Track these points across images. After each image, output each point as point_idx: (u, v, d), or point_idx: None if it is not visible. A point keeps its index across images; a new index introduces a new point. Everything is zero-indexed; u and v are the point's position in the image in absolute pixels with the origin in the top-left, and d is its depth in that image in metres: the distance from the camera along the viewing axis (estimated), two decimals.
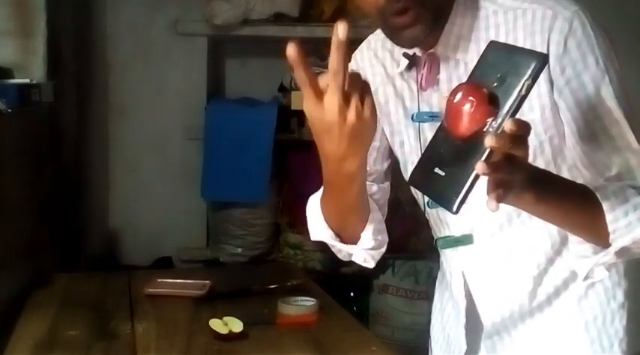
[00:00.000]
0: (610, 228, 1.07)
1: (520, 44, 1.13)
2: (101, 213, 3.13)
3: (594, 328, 1.28)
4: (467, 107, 0.88)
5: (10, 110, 1.97)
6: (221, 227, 3.08)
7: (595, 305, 1.28)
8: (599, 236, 1.08)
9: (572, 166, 1.18)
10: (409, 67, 1.26)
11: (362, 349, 1.55)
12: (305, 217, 1.35)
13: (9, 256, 1.94)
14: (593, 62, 1.13)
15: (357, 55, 1.38)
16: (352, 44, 1.41)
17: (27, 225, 2.15)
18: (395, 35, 1.17)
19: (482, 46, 1.09)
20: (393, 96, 1.31)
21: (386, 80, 1.32)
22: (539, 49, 1.11)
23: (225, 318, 1.58)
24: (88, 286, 1.99)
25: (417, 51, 1.23)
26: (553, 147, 1.18)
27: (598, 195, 1.07)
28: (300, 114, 3.11)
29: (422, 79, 1.24)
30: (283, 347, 1.53)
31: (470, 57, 1.18)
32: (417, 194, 1.33)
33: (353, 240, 1.29)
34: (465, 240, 1.28)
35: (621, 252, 1.09)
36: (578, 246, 1.12)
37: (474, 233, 1.28)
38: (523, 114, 0.93)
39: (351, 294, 3.00)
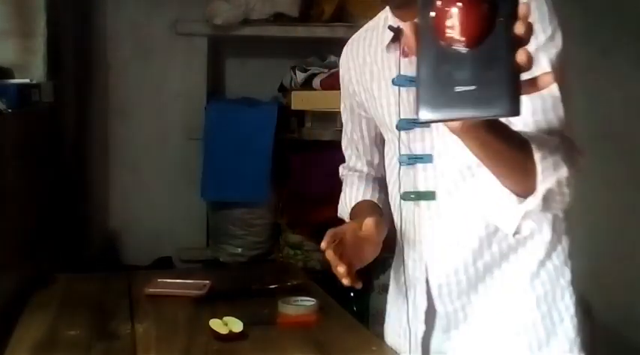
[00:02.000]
0: (539, 168, 1.11)
1: None
2: (101, 213, 3.13)
3: (545, 304, 1.37)
4: (477, 10, 0.79)
5: (10, 110, 1.97)
6: (221, 227, 3.08)
7: (546, 281, 1.37)
8: (529, 182, 1.13)
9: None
10: (394, 40, 1.38)
11: (362, 349, 1.55)
12: (305, 217, 1.43)
13: (9, 256, 1.94)
14: (540, 29, 1.22)
15: (342, 57, 1.56)
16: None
17: (27, 225, 2.15)
18: None
19: None
20: (376, 73, 1.45)
21: (369, 62, 1.47)
22: None
23: (225, 318, 1.58)
24: (88, 286, 1.99)
25: (401, 24, 1.35)
26: None
27: (527, 138, 1.13)
28: (300, 114, 3.12)
29: (404, 46, 1.34)
30: (283, 347, 1.53)
31: None
32: (389, 162, 1.48)
33: None
34: (428, 195, 1.39)
35: (546, 197, 1.13)
36: (509, 199, 1.16)
37: (437, 190, 1.38)
38: None
39: (351, 294, 3.00)
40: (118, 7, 3.09)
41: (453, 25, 0.80)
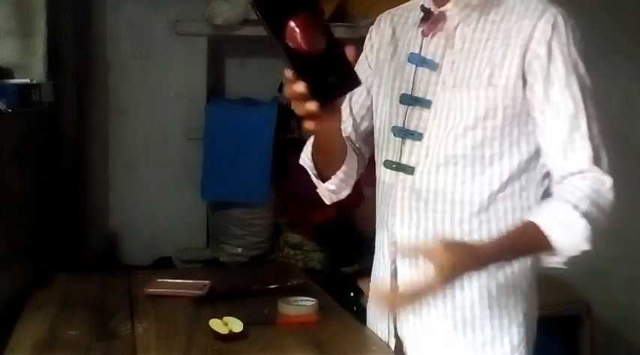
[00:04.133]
0: (556, 247, 1.30)
1: (511, 23, 1.38)
2: (101, 213, 3.13)
3: (497, 307, 1.42)
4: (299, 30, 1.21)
5: (10, 110, 1.97)
6: (221, 227, 3.08)
7: (501, 285, 1.42)
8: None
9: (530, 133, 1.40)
10: (423, 20, 1.48)
11: (362, 349, 1.55)
12: (305, 217, 1.44)
13: (9, 256, 1.94)
14: (567, 53, 1.37)
15: (379, 22, 1.61)
16: (352, 43, 1.47)
17: (27, 225, 2.15)
18: None
19: (484, 16, 1.41)
20: (399, 48, 1.52)
21: (397, 36, 1.55)
22: (524, 30, 1.36)
23: (225, 318, 1.58)
24: (88, 286, 1.99)
25: (432, 6, 1.47)
26: (505, 116, 1.38)
27: (543, 230, 1.29)
28: None
29: (426, 27, 1.47)
30: (283, 347, 1.53)
31: (469, 21, 1.42)
32: (382, 129, 1.52)
33: (325, 177, 1.55)
34: (407, 170, 1.45)
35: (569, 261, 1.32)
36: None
37: (417, 167, 1.44)
38: (492, 76, 1.34)
39: (351, 294, 3.00)
40: (118, 7, 3.09)
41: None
